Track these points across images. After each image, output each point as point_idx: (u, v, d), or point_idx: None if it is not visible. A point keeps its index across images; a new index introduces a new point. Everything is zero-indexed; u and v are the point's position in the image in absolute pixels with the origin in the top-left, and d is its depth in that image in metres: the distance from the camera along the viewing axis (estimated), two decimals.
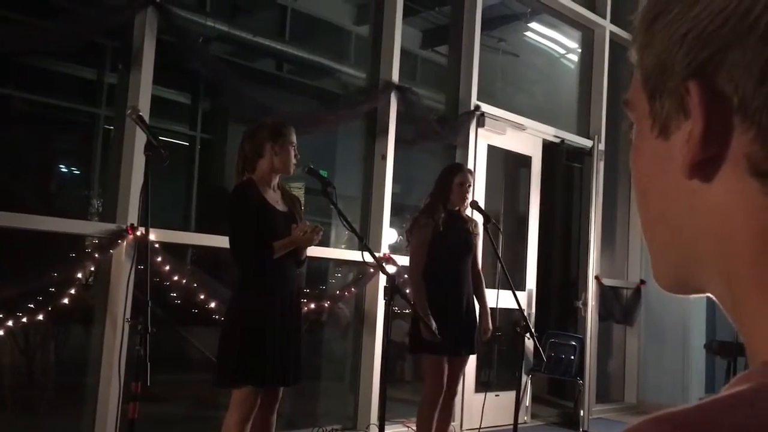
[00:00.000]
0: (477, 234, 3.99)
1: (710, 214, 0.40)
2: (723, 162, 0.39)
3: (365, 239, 4.29)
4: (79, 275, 3.46)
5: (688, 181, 0.40)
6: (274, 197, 3.15)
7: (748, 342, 0.39)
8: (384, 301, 2.99)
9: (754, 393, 0.34)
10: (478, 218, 4.00)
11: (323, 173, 4.80)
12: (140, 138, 3.49)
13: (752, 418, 0.32)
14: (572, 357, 5.72)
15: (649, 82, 0.43)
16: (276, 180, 3.18)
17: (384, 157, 4.86)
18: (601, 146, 6.41)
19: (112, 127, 4.61)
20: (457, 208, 3.91)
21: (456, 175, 3.92)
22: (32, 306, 3.38)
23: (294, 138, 3.16)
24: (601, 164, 6.40)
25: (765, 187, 0.38)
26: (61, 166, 7.36)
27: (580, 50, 6.87)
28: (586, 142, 6.44)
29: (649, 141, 0.44)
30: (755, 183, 0.38)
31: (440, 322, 3.48)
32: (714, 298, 0.42)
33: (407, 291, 3.78)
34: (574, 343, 5.80)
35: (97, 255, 3.56)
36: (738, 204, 0.39)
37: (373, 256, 3.01)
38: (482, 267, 4.13)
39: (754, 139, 0.38)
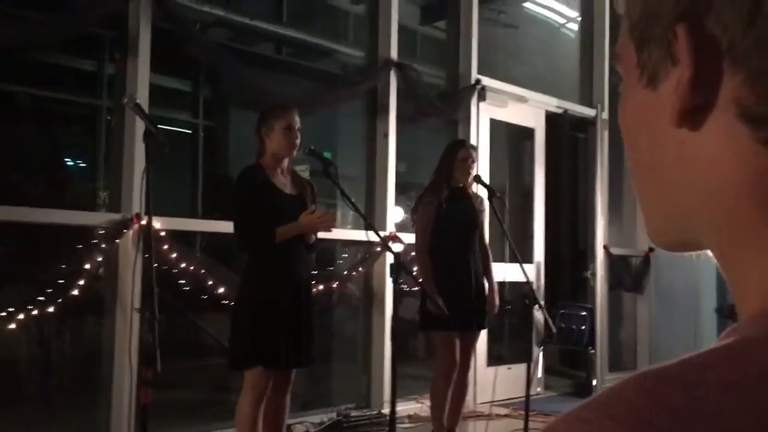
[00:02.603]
0: (483, 210, 3.99)
1: (700, 163, 0.38)
2: (712, 108, 0.37)
3: (370, 218, 4.27)
4: (87, 266, 3.48)
5: (677, 130, 0.39)
6: (282, 181, 3.17)
7: (736, 295, 0.38)
8: (391, 279, 2.98)
9: (739, 346, 0.33)
10: (483, 193, 3.98)
11: (327, 155, 4.79)
12: (141, 127, 3.48)
13: (736, 371, 0.31)
14: (583, 327, 5.71)
15: (636, 31, 0.42)
16: (284, 164, 3.20)
17: (386, 136, 4.83)
18: (605, 115, 6.36)
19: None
20: (461, 184, 3.90)
21: (458, 150, 3.92)
22: (43, 299, 3.40)
23: (291, 120, 3.15)
24: (606, 133, 6.35)
25: (754, 132, 0.36)
26: (66, 159, 7.37)
27: (580, 19, 6.79)
28: (590, 112, 6.39)
29: (638, 92, 0.42)
30: (744, 128, 0.36)
31: (449, 298, 3.48)
32: (709, 254, 0.41)
33: (414, 268, 3.78)
34: (584, 313, 5.79)
35: (104, 245, 3.57)
36: (727, 151, 0.37)
37: (378, 235, 3.00)
38: (490, 241, 4.13)
39: (743, 83, 0.36)
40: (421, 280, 3.59)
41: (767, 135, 0.36)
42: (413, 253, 4.05)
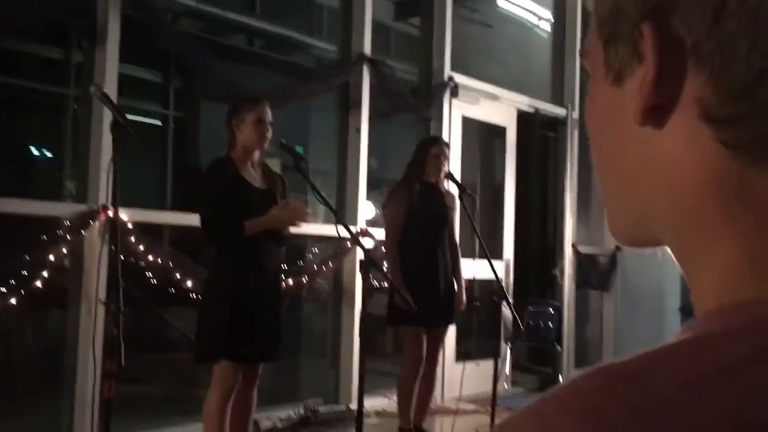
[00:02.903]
0: (453, 208, 4.01)
1: (662, 161, 0.39)
2: (675, 108, 0.38)
3: (341, 213, 4.26)
4: (52, 257, 3.41)
5: (641, 129, 0.39)
6: (251, 174, 3.14)
7: (693, 292, 0.39)
8: (360, 274, 2.97)
9: (694, 343, 0.33)
10: (454, 190, 4.00)
11: (299, 149, 4.75)
12: (108, 117, 3.42)
13: (693, 368, 0.31)
14: (551, 324, 5.77)
15: (604, 28, 0.42)
16: (255, 157, 3.17)
17: (358, 131, 4.82)
18: (575, 114, 6.42)
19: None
20: (433, 180, 3.91)
21: (432, 146, 3.94)
22: (5, 291, 3.33)
23: (262, 113, 3.12)
24: (576, 133, 6.41)
25: (716, 132, 0.36)
26: (32, 148, 7.23)
27: (552, 19, 6.84)
28: (560, 111, 6.44)
29: (604, 90, 0.42)
30: (706, 129, 0.36)
31: (417, 293, 3.49)
32: (668, 250, 0.41)
33: (384, 264, 3.78)
34: (552, 310, 5.84)
35: (69, 237, 3.50)
36: (689, 150, 0.37)
37: (348, 230, 2.99)
38: (460, 238, 4.16)
39: (706, 83, 0.36)
40: (389, 274, 3.59)
41: (728, 135, 0.36)
42: (383, 248, 4.05)
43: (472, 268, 4.23)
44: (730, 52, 0.35)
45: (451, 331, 4.86)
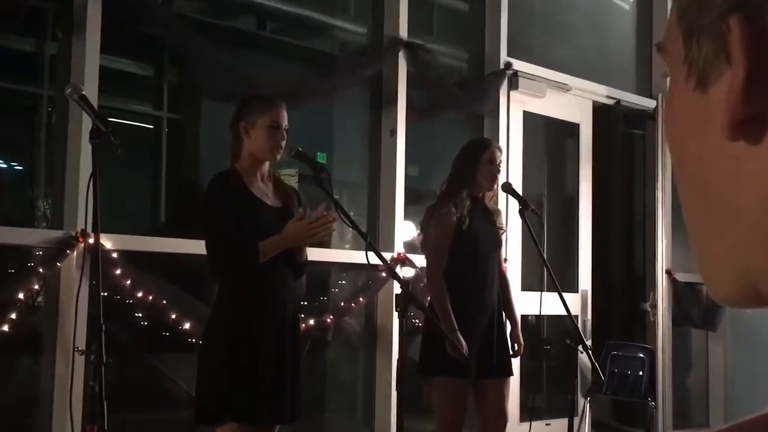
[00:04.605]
0: (504, 229, 4.00)
1: (759, 186, 0.38)
2: None
3: (373, 236, 4.28)
4: (21, 296, 3.48)
5: (732, 143, 0.39)
6: (262, 189, 3.18)
7: None
8: (397, 312, 2.98)
9: None
10: (512, 205, 3.99)
11: (320, 157, 4.79)
12: (88, 123, 3.50)
13: None
14: (640, 373, 5.69)
15: (684, 20, 0.42)
16: (265, 168, 3.21)
17: (393, 133, 4.85)
18: None
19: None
20: (481, 194, 3.90)
21: (483, 151, 3.92)
22: None
23: (278, 117, 3.16)
24: None
25: None
26: None
27: None
28: (648, 103, 6.40)
29: (685, 94, 0.43)
30: None
31: (464, 336, 3.48)
32: None
33: (426, 298, 3.77)
34: (642, 355, 5.77)
35: (41, 270, 3.58)
36: None
37: (381, 257, 3.01)
38: (523, 265, 4.14)
39: None
40: (436, 312, 3.57)
41: None
42: (426, 280, 4.05)
43: (539, 303, 4.20)
44: None
45: (514, 383, 4.83)
